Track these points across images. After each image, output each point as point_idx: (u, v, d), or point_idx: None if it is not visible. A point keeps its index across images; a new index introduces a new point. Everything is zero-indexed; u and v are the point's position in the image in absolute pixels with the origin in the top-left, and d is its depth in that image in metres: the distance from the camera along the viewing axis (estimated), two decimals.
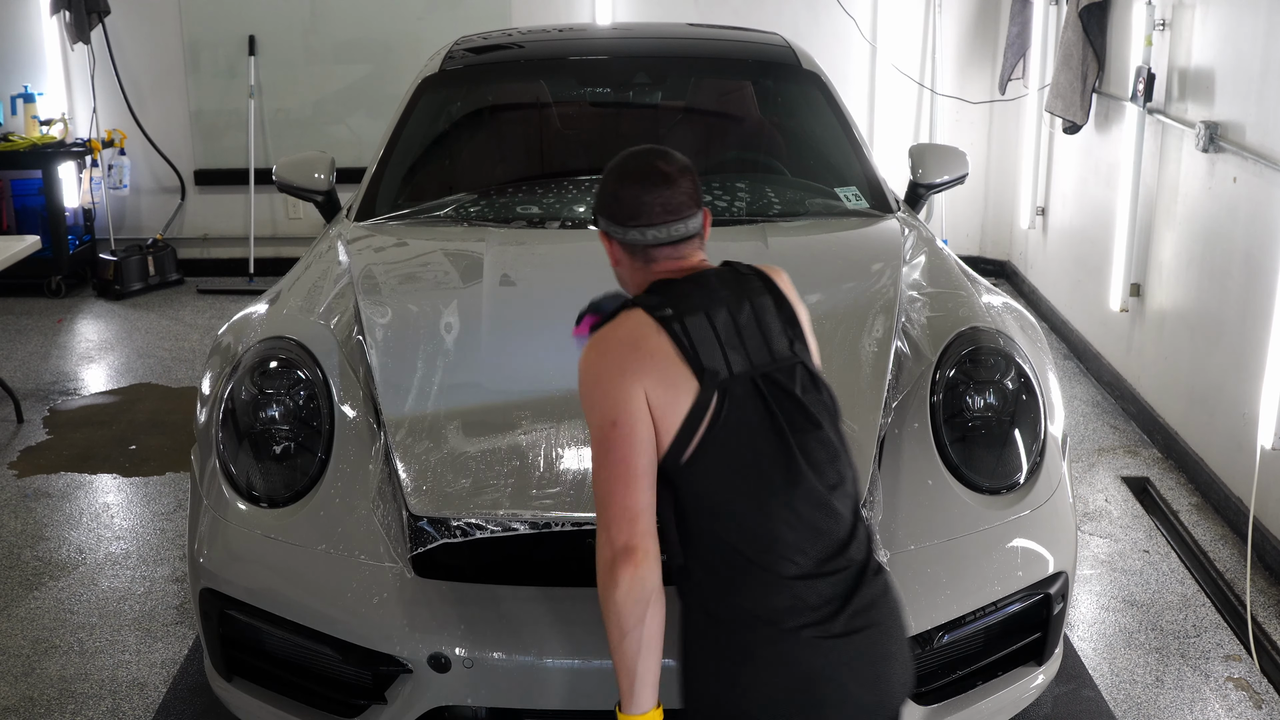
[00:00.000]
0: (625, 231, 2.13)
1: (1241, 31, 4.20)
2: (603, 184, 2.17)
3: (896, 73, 7.19)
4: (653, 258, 2.13)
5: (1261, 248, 4.02)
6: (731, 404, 1.99)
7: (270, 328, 3.06)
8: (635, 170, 2.14)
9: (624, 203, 2.12)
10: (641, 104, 4.44)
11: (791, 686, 1.93)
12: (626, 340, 2.02)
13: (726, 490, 1.98)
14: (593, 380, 2.02)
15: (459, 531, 2.47)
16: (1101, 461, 4.80)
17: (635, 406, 1.95)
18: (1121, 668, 3.45)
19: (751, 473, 1.98)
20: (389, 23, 7.33)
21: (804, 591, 1.95)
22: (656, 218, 2.11)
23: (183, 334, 6.52)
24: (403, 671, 2.46)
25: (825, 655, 1.93)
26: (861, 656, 1.96)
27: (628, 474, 1.94)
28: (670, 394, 1.97)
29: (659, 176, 2.12)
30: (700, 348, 2.00)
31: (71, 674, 3.43)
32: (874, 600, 2.00)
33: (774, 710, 1.94)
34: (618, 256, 2.18)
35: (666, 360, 1.99)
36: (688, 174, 2.14)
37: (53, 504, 4.47)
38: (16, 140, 7.11)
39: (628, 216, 2.12)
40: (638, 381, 1.97)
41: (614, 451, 1.95)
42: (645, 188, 2.11)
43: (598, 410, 1.99)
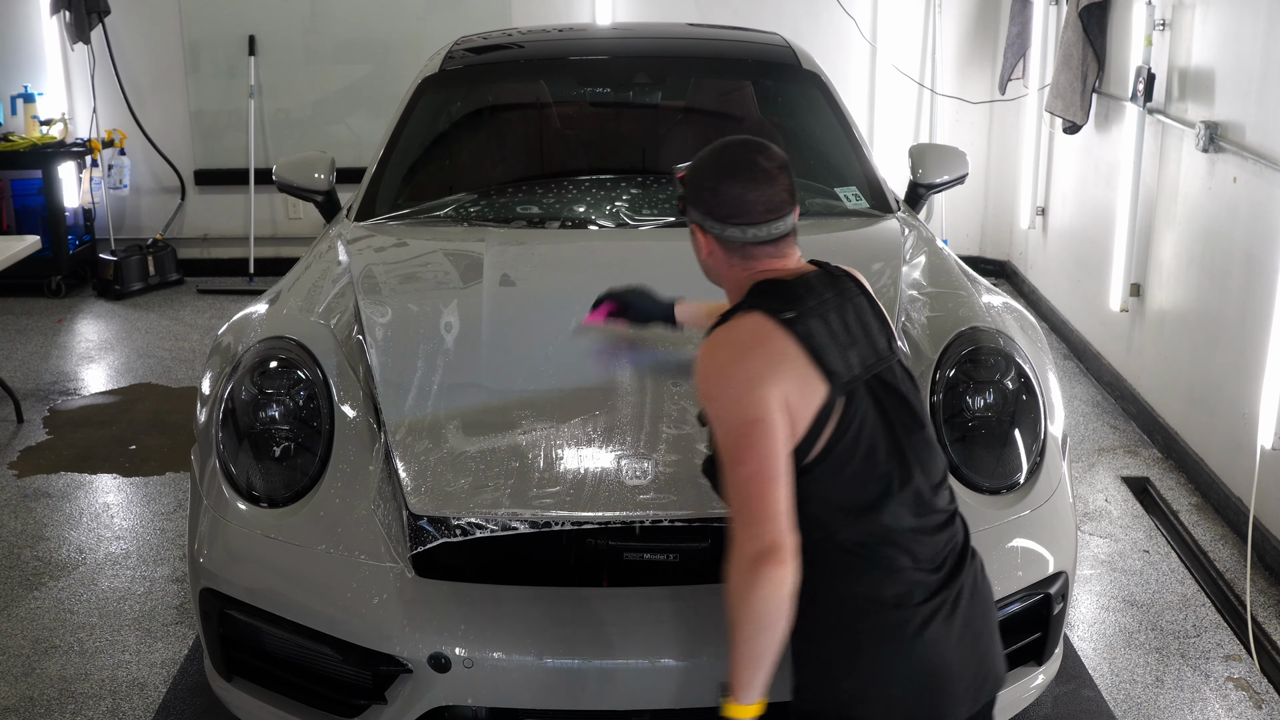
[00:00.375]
0: (724, 228, 2.10)
1: (1241, 31, 4.20)
2: (698, 177, 2.14)
3: (896, 73, 7.19)
4: (752, 255, 2.12)
5: (1261, 248, 4.02)
6: (854, 406, 2.01)
7: (270, 328, 3.06)
8: (737, 166, 2.10)
9: (725, 200, 2.09)
10: (641, 104, 4.44)
11: (908, 670, 1.98)
12: (757, 342, 2.00)
13: (846, 491, 2.00)
14: (726, 381, 1.99)
15: (459, 531, 2.47)
16: (1101, 461, 4.80)
17: (776, 406, 1.95)
18: (1121, 668, 3.45)
19: (870, 474, 2.01)
20: (389, 23, 7.33)
21: (915, 578, 2.00)
22: (759, 216, 2.08)
23: (183, 334, 6.52)
24: (403, 671, 2.46)
25: (936, 637, 1.99)
26: (965, 637, 2.02)
27: (771, 472, 1.92)
28: (803, 396, 1.97)
29: (762, 174, 2.09)
30: (824, 350, 2.00)
31: (71, 674, 3.43)
32: (973, 583, 2.07)
33: (891, 693, 1.98)
34: (710, 250, 2.15)
35: (797, 362, 1.99)
36: (786, 170, 2.13)
37: (53, 504, 4.47)
38: (16, 140, 7.11)
39: (729, 214, 2.09)
40: (776, 383, 1.96)
41: (756, 449, 1.93)
42: (748, 185, 2.08)
43: (735, 409, 1.96)
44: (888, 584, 1.99)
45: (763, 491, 1.91)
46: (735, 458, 1.95)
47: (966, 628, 2.03)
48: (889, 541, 2.00)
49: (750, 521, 1.91)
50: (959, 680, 2.01)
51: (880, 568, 1.99)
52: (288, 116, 7.48)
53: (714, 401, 2.00)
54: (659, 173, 4.08)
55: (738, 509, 1.94)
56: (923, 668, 1.98)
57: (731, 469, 1.95)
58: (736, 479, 1.94)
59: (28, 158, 7.03)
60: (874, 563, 1.99)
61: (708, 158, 2.14)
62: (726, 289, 2.19)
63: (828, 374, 1.99)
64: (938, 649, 1.99)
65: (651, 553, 2.52)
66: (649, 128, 4.38)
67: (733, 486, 1.95)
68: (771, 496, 1.91)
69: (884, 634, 1.98)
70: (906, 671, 1.98)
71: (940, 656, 1.99)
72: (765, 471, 1.92)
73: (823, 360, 1.99)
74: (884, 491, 2.01)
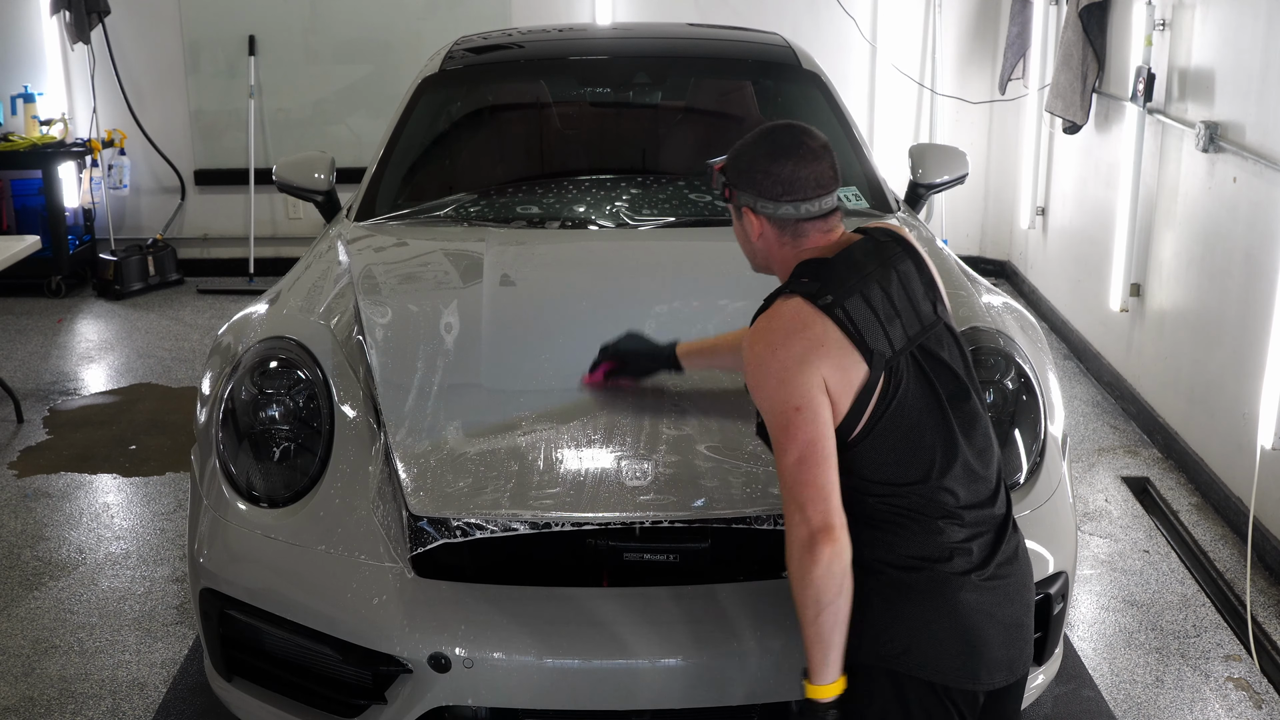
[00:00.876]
0: (777, 206, 2.17)
1: (1241, 31, 4.20)
2: (747, 160, 2.20)
3: (896, 73, 7.19)
4: (802, 232, 2.18)
5: (1261, 248, 4.02)
6: (896, 382, 2.07)
7: (270, 328, 3.06)
8: (786, 146, 2.17)
9: (778, 178, 2.16)
10: (641, 104, 4.44)
11: (949, 629, 2.05)
12: (795, 328, 2.06)
13: (891, 465, 2.07)
14: (767, 370, 2.06)
15: (459, 531, 2.47)
16: (1101, 461, 4.80)
17: (816, 390, 2.02)
18: (1121, 668, 3.45)
19: (916, 447, 2.07)
20: (389, 23, 7.33)
21: (961, 545, 2.07)
22: (810, 192, 2.16)
23: (183, 334, 6.52)
24: (403, 671, 2.46)
25: (977, 602, 2.06)
26: (1004, 606, 2.09)
27: (817, 455, 2.00)
28: (843, 377, 2.04)
29: (809, 152, 2.17)
30: (864, 330, 2.06)
31: (71, 674, 3.43)
32: (1013, 555, 2.14)
33: (931, 650, 2.05)
34: (761, 231, 2.21)
35: (836, 345, 2.04)
36: (828, 148, 2.20)
37: (53, 504, 4.47)
38: (16, 140, 7.11)
39: (782, 191, 2.16)
40: (815, 368, 2.02)
41: (802, 434, 2.01)
42: (799, 163, 2.16)
43: (777, 398, 2.04)
44: (934, 547, 2.06)
45: (811, 475, 2.00)
46: (782, 444, 2.03)
47: (1005, 598, 2.10)
48: (936, 509, 2.07)
49: (801, 504, 2.00)
50: (996, 645, 2.08)
51: (927, 532, 2.06)
52: (288, 116, 7.48)
53: (758, 390, 2.08)
54: (659, 172, 4.08)
55: (788, 493, 2.02)
56: (962, 628, 2.05)
57: (779, 455, 2.03)
58: (784, 465, 2.02)
59: (28, 158, 7.03)
60: (922, 527, 2.07)
61: (753, 142, 2.21)
62: (776, 270, 2.24)
63: (867, 354, 2.05)
64: (978, 613, 2.06)
65: (651, 553, 2.52)
66: (649, 128, 4.38)
67: (782, 472, 2.03)
68: (820, 479, 2.00)
69: (927, 592, 2.05)
70: (947, 630, 2.05)
71: (980, 621, 2.06)
72: (811, 456, 2.00)
73: (862, 341, 2.05)
74: (931, 462, 2.07)
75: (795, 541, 2.00)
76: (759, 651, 2.41)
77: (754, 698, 2.44)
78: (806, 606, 2.01)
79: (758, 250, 2.25)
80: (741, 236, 2.28)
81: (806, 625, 2.03)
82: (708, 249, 3.54)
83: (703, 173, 4.03)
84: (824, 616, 2.01)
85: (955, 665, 2.06)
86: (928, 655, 2.06)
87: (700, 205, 3.78)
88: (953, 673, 2.06)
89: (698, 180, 3.95)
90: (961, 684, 2.07)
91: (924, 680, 2.06)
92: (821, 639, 2.03)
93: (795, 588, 2.02)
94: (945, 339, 2.17)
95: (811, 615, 2.01)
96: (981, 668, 2.08)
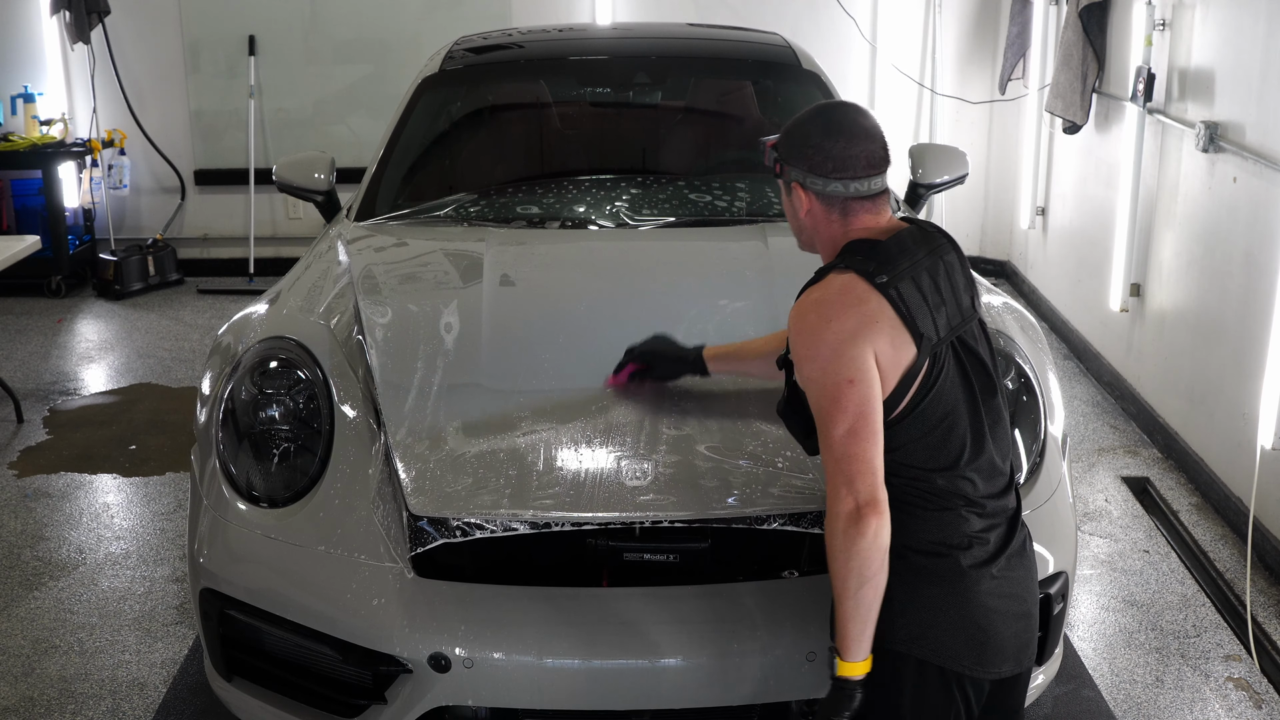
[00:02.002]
0: (827, 183, 2.16)
1: (1241, 31, 4.20)
2: (799, 136, 2.20)
3: (896, 73, 7.19)
4: (851, 211, 2.18)
5: (1261, 248, 4.02)
6: (938, 369, 2.08)
7: (270, 328, 3.06)
8: (841, 123, 2.18)
9: (830, 155, 2.15)
10: (641, 104, 4.44)
11: (961, 617, 2.08)
12: (851, 302, 2.06)
13: (925, 449, 2.08)
14: (820, 340, 2.06)
15: (459, 531, 2.47)
16: (1101, 461, 4.80)
17: (869, 364, 2.02)
18: (1121, 668, 3.45)
19: (950, 434, 2.09)
20: (389, 23, 7.33)
21: (979, 534, 2.10)
22: (861, 171, 2.16)
23: (183, 334, 6.52)
24: (403, 671, 2.46)
25: (989, 591, 2.09)
26: (1013, 599, 2.12)
27: (867, 429, 2.01)
28: (894, 356, 2.05)
29: (861, 131, 2.17)
30: (915, 313, 2.06)
31: (71, 674, 3.43)
32: (1021, 548, 2.17)
33: (943, 636, 2.07)
34: (810, 207, 2.20)
35: (889, 323, 2.05)
36: (880, 130, 2.21)
37: (53, 504, 4.47)
38: (16, 140, 7.11)
39: (833, 168, 2.16)
40: (869, 342, 2.03)
41: (853, 407, 2.01)
42: (852, 141, 2.16)
43: (830, 369, 2.03)
44: (955, 534, 2.08)
45: (861, 449, 2.00)
46: (831, 417, 2.03)
47: (1015, 589, 2.13)
48: (960, 497, 2.09)
49: (851, 477, 2.00)
50: (1006, 636, 2.11)
51: (951, 519, 2.09)
52: (288, 116, 7.48)
53: (809, 361, 2.07)
54: (659, 173, 4.08)
55: (835, 466, 2.02)
56: (976, 617, 2.08)
57: (828, 428, 2.03)
58: (833, 437, 2.02)
59: (28, 158, 7.03)
60: (945, 513, 2.09)
61: (808, 118, 2.22)
62: (821, 248, 2.25)
63: (917, 337, 2.06)
64: (992, 602, 2.09)
65: (651, 553, 2.52)
66: (649, 128, 4.37)
67: (829, 445, 2.03)
68: (869, 453, 2.01)
69: (946, 579, 2.07)
70: (963, 618, 2.07)
71: (993, 610, 2.09)
72: (862, 429, 2.01)
73: (913, 323, 2.06)
74: (960, 451, 2.09)
75: (841, 514, 2.00)
76: (759, 651, 2.41)
77: (754, 698, 2.44)
78: (848, 580, 2.01)
79: (804, 226, 2.25)
80: (789, 212, 2.27)
81: (845, 599, 2.02)
82: (708, 249, 3.54)
83: (703, 172, 4.05)
84: (865, 590, 2.01)
85: (968, 653, 2.08)
86: (942, 642, 2.08)
87: (700, 205, 3.78)
88: (966, 660, 2.08)
89: (698, 180, 3.95)
90: (973, 672, 2.09)
91: (936, 666, 2.08)
92: (860, 614, 2.03)
93: (837, 561, 2.01)
94: (979, 334, 2.20)
95: (853, 588, 2.01)
96: (992, 657, 2.10)
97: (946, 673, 2.09)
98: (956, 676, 2.09)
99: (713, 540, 2.52)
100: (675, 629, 2.43)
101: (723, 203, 3.79)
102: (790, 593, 2.50)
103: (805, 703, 2.50)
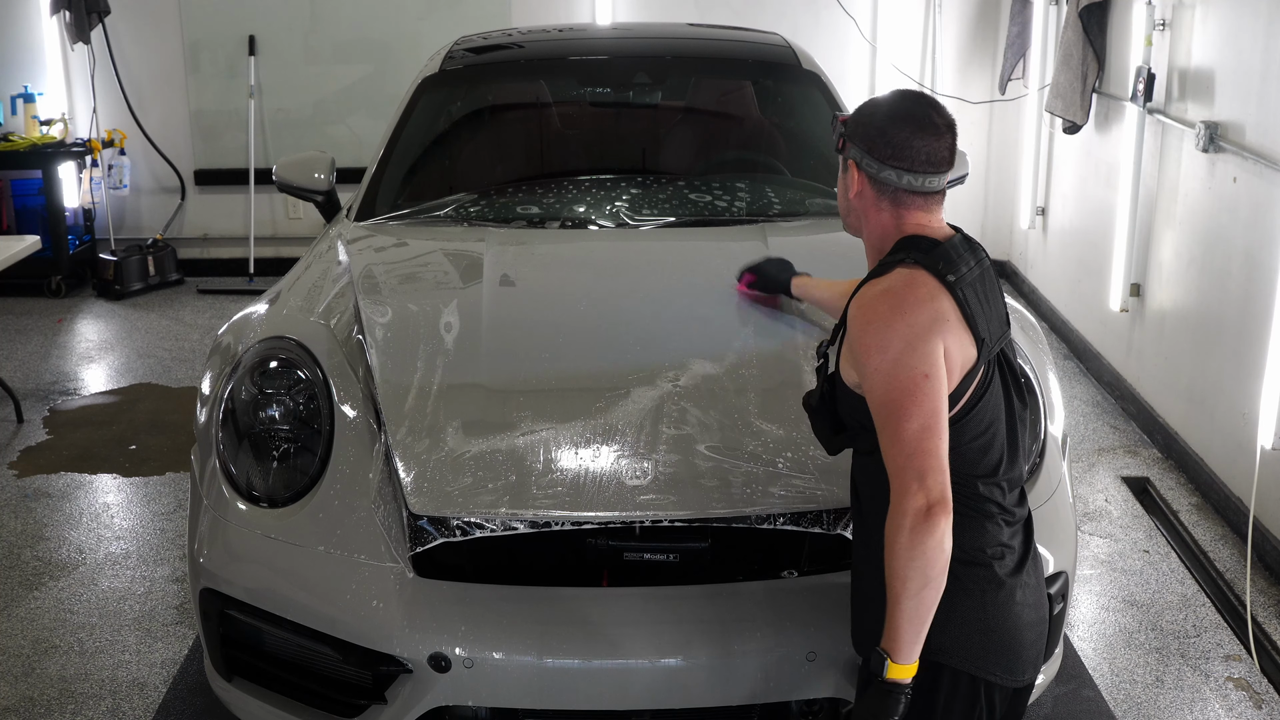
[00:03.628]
0: (881, 168, 2.12)
1: (1241, 31, 4.20)
2: (868, 116, 2.16)
3: (896, 73, 7.19)
4: (902, 203, 2.14)
5: (1261, 248, 4.02)
6: (988, 375, 2.07)
7: (270, 328, 3.05)
8: (911, 113, 2.13)
9: (891, 140, 2.11)
10: (641, 104, 4.44)
11: (999, 624, 2.06)
12: (923, 297, 2.03)
13: (969, 456, 2.06)
14: (892, 332, 2.00)
15: (459, 531, 2.47)
16: (1101, 461, 4.80)
17: (941, 360, 1.99)
18: (1121, 668, 3.45)
19: (991, 442, 2.08)
20: (389, 23, 7.33)
21: (1007, 543, 2.09)
22: (919, 165, 2.11)
23: (183, 334, 6.52)
24: (403, 671, 2.46)
25: (1020, 599, 2.09)
26: (1033, 606, 2.12)
27: (939, 425, 1.96)
28: (960, 354, 2.02)
29: (931, 126, 2.11)
30: (977, 317, 2.04)
31: (71, 674, 3.43)
32: (1034, 554, 2.17)
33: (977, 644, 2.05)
34: (861, 189, 2.17)
35: (957, 322, 2.02)
36: (953, 131, 2.16)
37: (53, 504, 4.47)
38: (16, 140, 7.11)
39: (890, 155, 2.11)
40: (940, 338, 2.00)
41: (927, 403, 1.96)
42: (916, 132, 2.10)
43: (904, 362, 1.97)
44: (990, 542, 2.07)
45: (934, 445, 1.95)
46: (905, 410, 1.96)
47: (1033, 595, 2.13)
48: (995, 505, 2.08)
49: (923, 473, 1.94)
50: (1030, 643, 2.11)
51: (987, 526, 2.07)
52: (288, 116, 7.48)
53: (879, 352, 2.00)
54: (659, 172, 4.08)
55: (907, 461, 1.95)
56: (1008, 625, 2.07)
57: (900, 421, 1.96)
58: (905, 431, 1.95)
59: (28, 158, 7.03)
60: (983, 520, 2.07)
61: (882, 101, 2.17)
62: (867, 234, 2.20)
63: (978, 341, 2.03)
64: (1019, 611, 2.08)
65: (651, 553, 2.52)
66: (649, 128, 4.37)
67: (900, 439, 1.96)
68: (941, 449, 1.96)
69: (981, 587, 2.05)
70: (996, 626, 2.06)
71: (1020, 618, 2.08)
72: (935, 425, 1.96)
73: (975, 327, 2.03)
74: (1000, 459, 2.08)
75: (910, 511, 1.93)
76: (759, 651, 2.41)
77: (754, 698, 2.44)
78: (911, 579, 1.93)
79: (853, 208, 2.20)
80: (841, 189, 2.23)
81: (906, 599, 1.94)
82: (708, 249, 3.53)
83: (703, 172, 4.05)
84: (928, 591, 1.93)
85: (1000, 662, 2.07)
86: (977, 650, 2.06)
87: (700, 205, 3.78)
88: (997, 668, 2.07)
89: (698, 180, 3.95)
90: (1003, 680, 2.08)
91: (968, 675, 2.07)
92: (920, 615, 1.95)
93: (900, 560, 1.93)
94: (1014, 349, 2.20)
95: (915, 589, 1.93)
96: (1021, 665, 2.10)
97: (978, 681, 2.07)
98: (986, 685, 2.08)
99: (713, 540, 2.52)
100: (675, 629, 2.43)
101: (723, 203, 3.79)
102: (790, 593, 2.50)
103: (805, 703, 2.50)
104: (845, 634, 2.32)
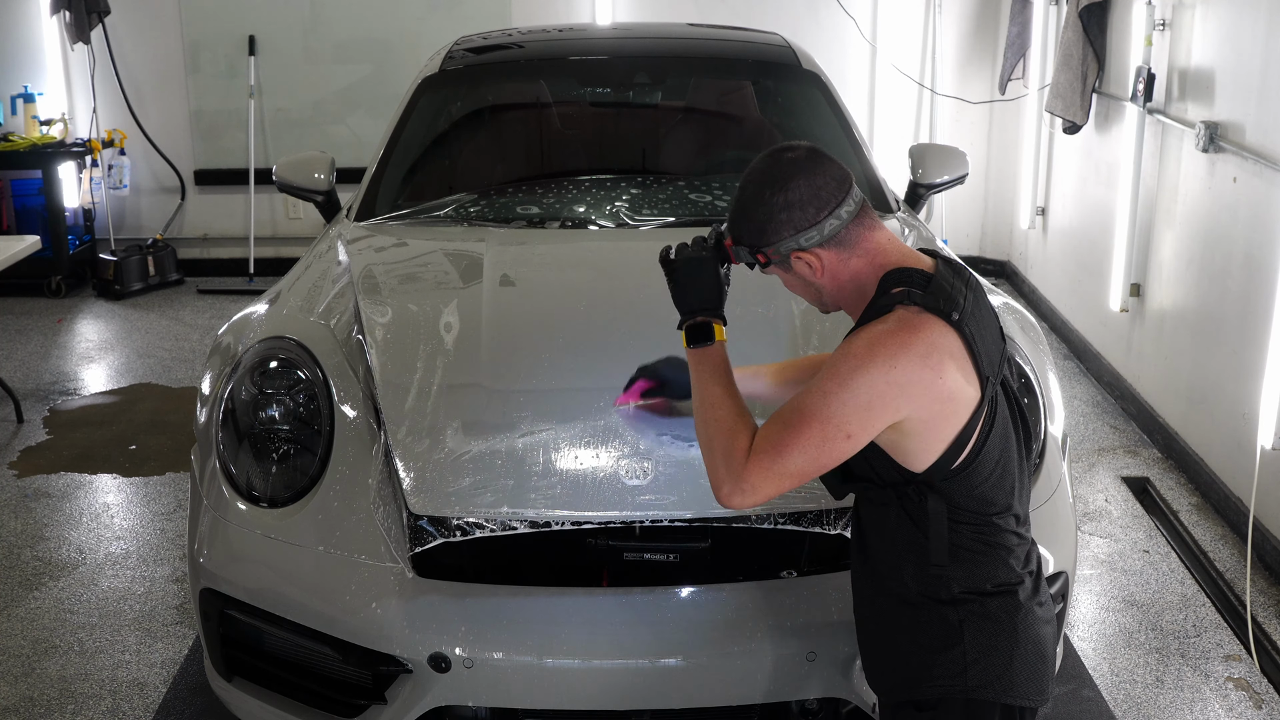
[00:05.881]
0: (821, 229, 1.98)
1: (1241, 31, 4.20)
2: (761, 214, 2.01)
3: (896, 73, 7.19)
4: (854, 238, 2.00)
5: (1261, 248, 4.02)
6: (993, 409, 1.99)
7: (270, 328, 3.06)
8: (782, 172, 2.00)
9: (802, 202, 1.98)
10: (641, 104, 4.44)
11: (1030, 649, 2.05)
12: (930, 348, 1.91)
13: (984, 493, 2.00)
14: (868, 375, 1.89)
15: (459, 531, 2.47)
16: (1101, 461, 4.80)
17: (880, 427, 1.91)
18: (1121, 668, 3.45)
19: (1004, 475, 2.03)
20: (389, 23, 7.34)
21: (1025, 567, 2.08)
22: (840, 195, 1.99)
23: (183, 334, 6.52)
24: (403, 671, 2.46)
25: (1043, 619, 2.08)
26: (1052, 625, 2.12)
27: (811, 472, 1.94)
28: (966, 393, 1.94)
29: (802, 163, 2.01)
30: (980, 355, 1.96)
31: (71, 674, 3.43)
32: (1041, 569, 2.16)
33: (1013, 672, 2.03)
34: (822, 265, 2.02)
35: (961, 366, 1.93)
36: (817, 148, 2.06)
37: (53, 504, 4.47)
38: (16, 140, 7.11)
39: (816, 210, 1.98)
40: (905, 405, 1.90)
41: (825, 456, 1.92)
42: (806, 176, 1.99)
43: (849, 407, 1.89)
44: (1012, 572, 2.05)
45: (791, 476, 1.93)
46: (808, 434, 1.91)
47: (1051, 612, 2.12)
48: (1013, 535, 2.06)
49: (763, 475, 1.93)
50: (1051, 658, 2.10)
51: (1008, 557, 2.04)
52: (288, 116, 7.48)
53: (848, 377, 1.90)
54: (659, 173, 4.08)
55: (770, 461, 1.92)
56: (1037, 648, 2.06)
57: (798, 434, 1.91)
58: (790, 444, 1.91)
59: (28, 158, 7.03)
60: (1004, 552, 2.04)
61: (753, 195, 2.03)
62: (848, 297, 2.06)
63: (981, 379, 1.95)
64: (1042, 630, 2.08)
65: (651, 553, 2.52)
66: (649, 128, 4.37)
67: (782, 443, 1.92)
68: (787, 485, 1.93)
69: (1012, 616, 2.03)
70: (1027, 652, 2.04)
71: (1043, 638, 2.08)
72: (809, 471, 1.93)
73: (979, 364, 1.95)
74: (1013, 488, 2.05)
75: (728, 479, 1.95)
76: (758, 651, 2.41)
77: (754, 698, 2.44)
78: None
79: (824, 289, 2.06)
80: (799, 286, 2.09)
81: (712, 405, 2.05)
82: None
83: (703, 172, 4.05)
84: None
85: (1032, 685, 2.05)
86: (1011, 679, 2.02)
87: (700, 205, 3.78)
88: (1030, 691, 2.05)
89: (698, 180, 3.95)
90: (1034, 702, 2.06)
91: (1003, 704, 2.03)
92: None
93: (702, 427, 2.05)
94: (1014, 371, 2.14)
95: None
96: (1048, 684, 2.09)
97: (1013, 709, 2.05)
98: (1020, 711, 2.06)
99: (713, 540, 2.52)
100: (675, 629, 2.43)
101: (723, 203, 3.79)
102: (790, 593, 2.50)
103: (805, 702, 2.50)
104: (845, 634, 2.32)
